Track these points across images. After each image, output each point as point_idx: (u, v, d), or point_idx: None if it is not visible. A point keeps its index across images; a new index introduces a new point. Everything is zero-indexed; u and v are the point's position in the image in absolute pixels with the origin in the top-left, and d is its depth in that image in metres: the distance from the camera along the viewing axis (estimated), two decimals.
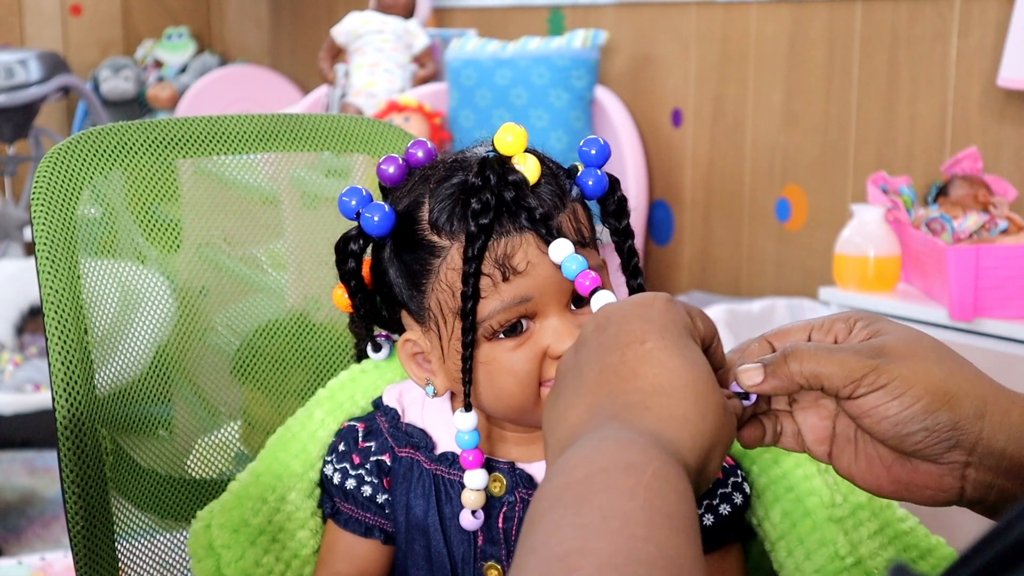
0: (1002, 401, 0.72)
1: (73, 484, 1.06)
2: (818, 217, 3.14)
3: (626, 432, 0.64)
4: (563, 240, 0.90)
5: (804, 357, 0.73)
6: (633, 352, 0.68)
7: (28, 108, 4.61)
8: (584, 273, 0.89)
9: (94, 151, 1.15)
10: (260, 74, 5.55)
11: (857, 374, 0.72)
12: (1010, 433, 0.71)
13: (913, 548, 0.99)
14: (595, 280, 0.89)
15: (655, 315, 0.71)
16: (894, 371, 0.72)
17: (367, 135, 1.30)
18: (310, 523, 1.06)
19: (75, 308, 1.09)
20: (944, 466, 0.73)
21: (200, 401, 1.25)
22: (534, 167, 0.91)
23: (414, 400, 1.05)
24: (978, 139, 2.70)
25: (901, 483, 0.75)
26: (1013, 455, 0.71)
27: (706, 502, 0.97)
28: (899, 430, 0.72)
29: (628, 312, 0.72)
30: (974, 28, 2.71)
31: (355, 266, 0.98)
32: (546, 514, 0.59)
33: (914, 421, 0.71)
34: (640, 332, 0.69)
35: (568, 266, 0.90)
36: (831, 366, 0.72)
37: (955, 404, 0.71)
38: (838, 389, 0.73)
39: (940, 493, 0.74)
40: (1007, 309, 2.20)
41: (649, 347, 0.68)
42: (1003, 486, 0.72)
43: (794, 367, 0.73)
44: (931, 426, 0.71)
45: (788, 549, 0.97)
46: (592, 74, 3.56)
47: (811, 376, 0.73)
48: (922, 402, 0.71)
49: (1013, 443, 0.71)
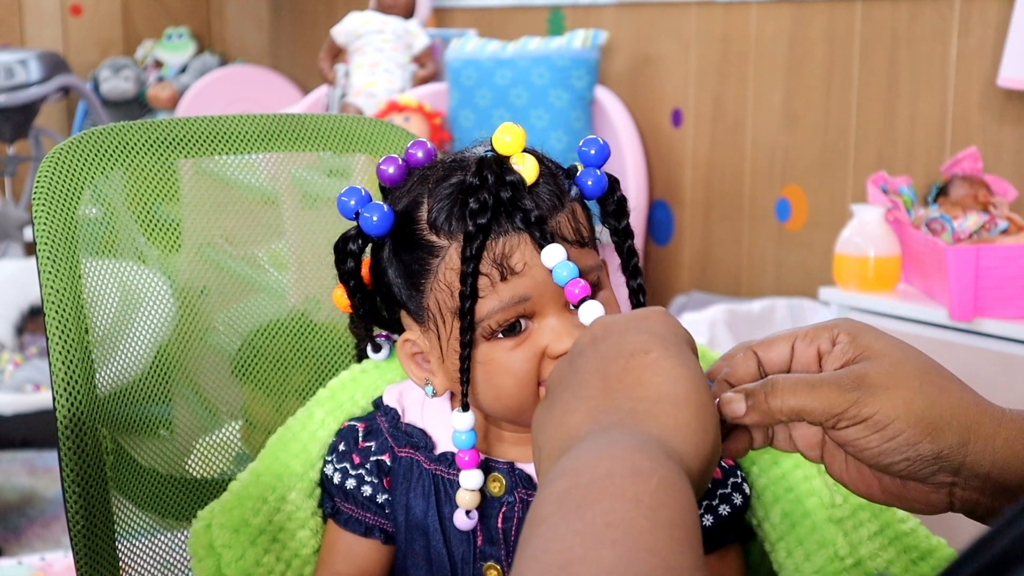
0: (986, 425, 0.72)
1: (74, 484, 1.07)
2: (818, 217, 3.14)
3: (632, 438, 0.63)
4: (555, 246, 0.89)
5: (785, 392, 0.73)
6: (638, 361, 0.68)
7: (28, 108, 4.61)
8: (574, 281, 0.89)
9: (95, 151, 1.15)
10: (260, 74, 5.55)
11: (837, 409, 0.72)
12: (994, 459, 0.71)
13: (914, 549, 0.99)
14: (584, 289, 0.89)
15: (655, 326, 0.71)
16: (875, 405, 0.71)
17: (368, 135, 1.30)
18: (310, 523, 1.06)
19: (76, 308, 1.09)
20: (931, 485, 0.73)
21: (200, 401, 1.25)
22: (532, 167, 0.91)
23: (414, 400, 1.05)
24: (978, 139, 2.70)
25: (891, 493, 0.76)
26: (997, 479, 0.71)
27: (705, 503, 0.97)
28: (881, 460, 0.72)
29: (626, 324, 0.71)
30: (974, 28, 2.71)
31: (354, 266, 0.98)
32: (548, 518, 0.58)
33: (896, 452, 0.71)
34: (642, 342, 0.69)
35: (559, 273, 0.89)
36: (811, 401, 0.72)
37: (937, 435, 0.71)
38: (820, 422, 0.73)
39: (928, 507, 0.75)
40: (1007, 309, 2.20)
41: (654, 356, 0.68)
42: (990, 504, 0.72)
43: (775, 404, 0.73)
44: (913, 456, 0.71)
45: (788, 550, 0.97)
46: (592, 74, 3.56)
47: (791, 412, 0.73)
48: (904, 435, 0.71)
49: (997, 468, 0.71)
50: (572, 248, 0.92)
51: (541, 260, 0.90)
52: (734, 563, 1.00)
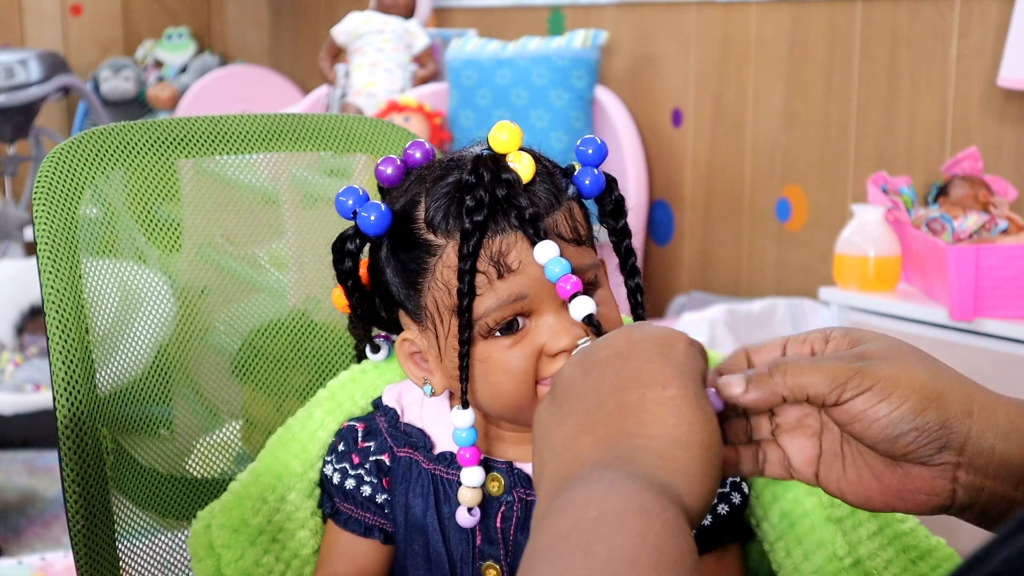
0: (988, 400, 0.73)
1: (74, 483, 1.07)
2: (818, 217, 3.14)
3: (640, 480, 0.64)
4: (548, 242, 0.89)
5: (788, 369, 0.73)
6: (655, 395, 0.68)
7: (28, 108, 4.61)
8: (566, 277, 0.89)
9: (96, 151, 1.15)
10: (260, 74, 5.55)
11: (842, 378, 0.72)
12: (997, 431, 0.72)
13: (913, 549, 0.99)
14: (576, 284, 0.89)
15: (678, 359, 0.70)
16: (879, 373, 0.72)
17: (368, 135, 1.30)
18: (310, 523, 1.06)
19: (76, 308, 1.09)
20: (935, 468, 0.73)
21: (201, 401, 1.25)
22: (528, 165, 0.91)
23: (413, 400, 1.05)
24: (978, 139, 2.70)
25: (893, 491, 0.75)
26: (1002, 453, 0.71)
27: None
28: (889, 432, 0.72)
29: (650, 349, 0.71)
30: (974, 28, 2.71)
31: (352, 266, 0.98)
32: (552, 549, 0.59)
33: (904, 421, 0.71)
34: (663, 376, 0.69)
35: (551, 269, 0.89)
36: (815, 375, 0.72)
37: (942, 402, 0.71)
38: (824, 396, 0.72)
39: (932, 497, 0.74)
40: (1007, 309, 2.20)
41: (671, 394, 0.68)
42: (993, 488, 0.72)
43: (778, 379, 0.73)
44: (920, 426, 0.71)
45: (787, 549, 0.97)
46: (592, 74, 3.56)
47: (795, 387, 0.73)
48: (910, 401, 0.71)
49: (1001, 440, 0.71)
50: (569, 246, 0.92)
51: (534, 257, 0.90)
52: (733, 563, 1.00)
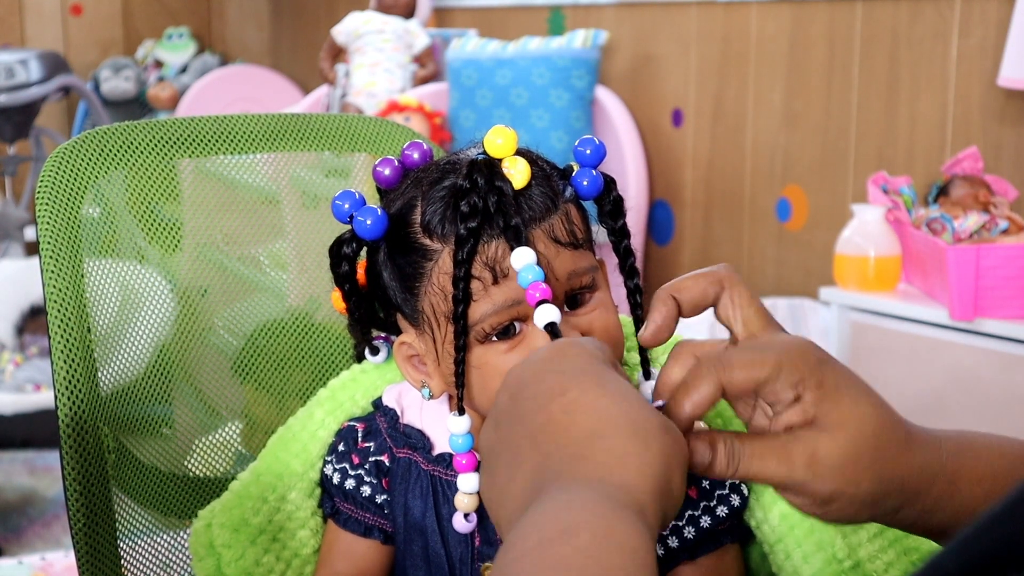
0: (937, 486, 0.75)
1: (75, 482, 1.07)
2: (818, 217, 3.14)
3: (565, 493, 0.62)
4: (525, 249, 0.88)
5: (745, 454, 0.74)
6: (558, 405, 0.67)
7: (28, 108, 4.61)
8: (534, 284, 0.88)
9: (98, 151, 1.16)
10: (260, 74, 5.55)
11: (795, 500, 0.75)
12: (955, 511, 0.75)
13: (914, 551, 0.99)
14: (545, 292, 0.88)
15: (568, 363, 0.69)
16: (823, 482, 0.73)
17: (369, 134, 1.30)
18: (310, 523, 1.06)
19: (78, 307, 1.10)
20: None
21: (201, 401, 1.25)
22: (524, 170, 0.91)
23: (413, 401, 1.05)
24: (978, 139, 2.70)
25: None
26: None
27: (703, 504, 0.97)
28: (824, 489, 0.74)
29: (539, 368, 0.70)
30: (974, 28, 2.71)
31: (349, 269, 0.97)
32: None
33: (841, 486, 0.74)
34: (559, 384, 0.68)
35: (524, 276, 0.88)
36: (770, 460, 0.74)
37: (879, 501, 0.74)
38: None
39: None
40: (1007, 309, 2.21)
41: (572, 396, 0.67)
42: None
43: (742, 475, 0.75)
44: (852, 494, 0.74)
45: (786, 552, 0.97)
46: (592, 74, 3.56)
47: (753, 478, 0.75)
48: None
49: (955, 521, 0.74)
50: (564, 250, 0.91)
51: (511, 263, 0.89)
52: (732, 564, 0.99)
